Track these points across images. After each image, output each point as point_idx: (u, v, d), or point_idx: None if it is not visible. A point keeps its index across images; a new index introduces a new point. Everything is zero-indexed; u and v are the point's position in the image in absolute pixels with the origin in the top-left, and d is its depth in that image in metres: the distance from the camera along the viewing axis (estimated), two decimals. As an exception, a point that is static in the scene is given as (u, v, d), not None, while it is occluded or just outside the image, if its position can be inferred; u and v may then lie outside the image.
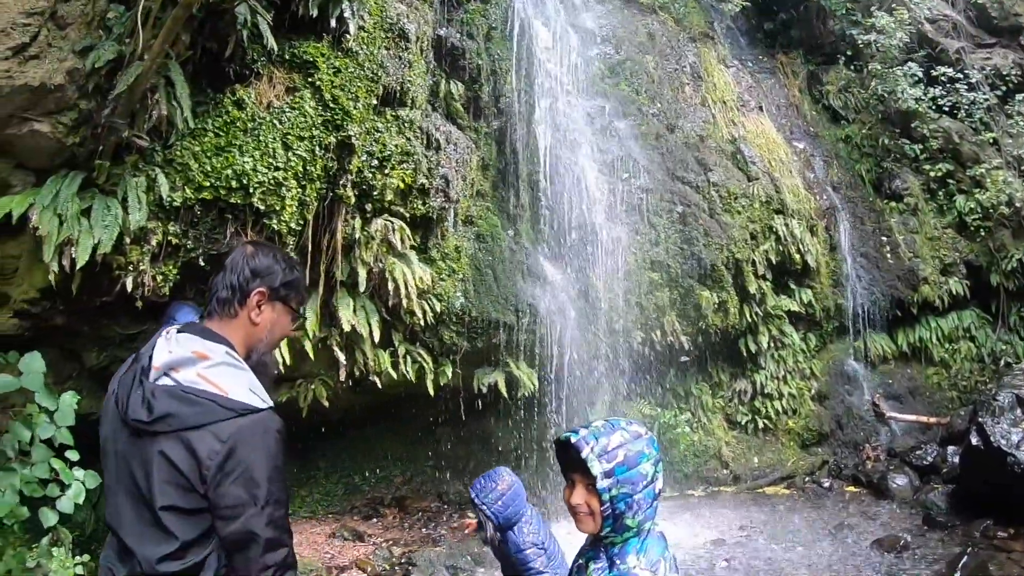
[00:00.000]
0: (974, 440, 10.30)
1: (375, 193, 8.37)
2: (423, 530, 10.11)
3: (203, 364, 2.94)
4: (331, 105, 7.89)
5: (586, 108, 11.52)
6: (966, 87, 15.61)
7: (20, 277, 6.75)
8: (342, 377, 8.64)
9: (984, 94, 15.73)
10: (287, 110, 7.66)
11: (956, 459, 11.67)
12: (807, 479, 12.79)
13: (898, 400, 14.36)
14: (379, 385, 8.97)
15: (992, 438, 10.03)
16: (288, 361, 8.10)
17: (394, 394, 9.94)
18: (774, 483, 12.62)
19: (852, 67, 16.12)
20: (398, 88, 8.61)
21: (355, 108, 8.05)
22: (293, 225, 7.67)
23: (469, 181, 9.56)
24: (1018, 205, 14.81)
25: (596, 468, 3.50)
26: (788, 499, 12.01)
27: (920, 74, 15.43)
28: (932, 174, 15.34)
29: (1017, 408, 10.35)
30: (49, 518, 5.91)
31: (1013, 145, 15.49)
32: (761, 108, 14.48)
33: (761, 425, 13.11)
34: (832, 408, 13.82)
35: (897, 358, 14.89)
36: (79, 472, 5.92)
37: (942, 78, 15.53)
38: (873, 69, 15.63)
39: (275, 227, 7.55)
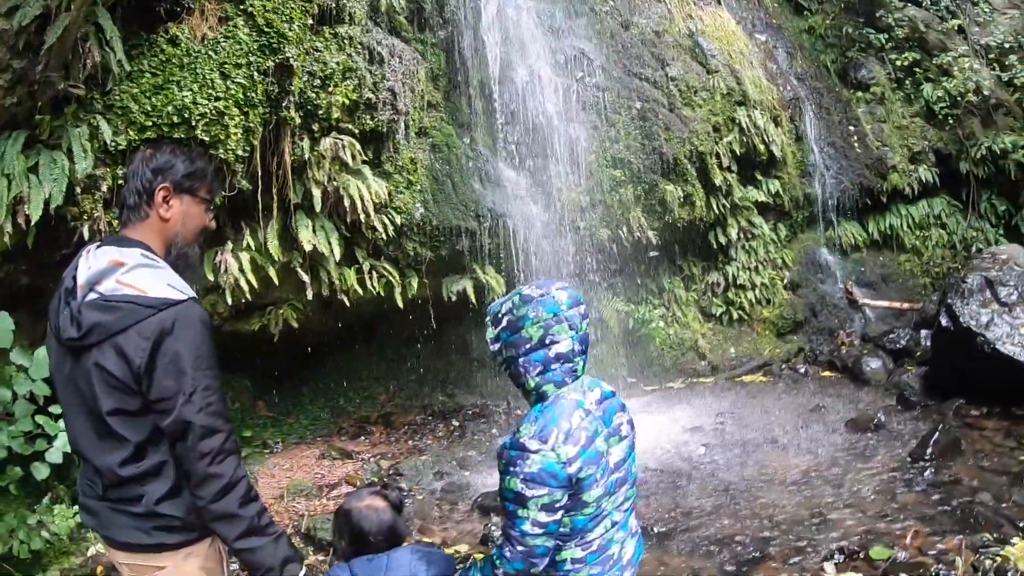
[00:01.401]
0: (944, 322, 10.30)
1: (320, 112, 8.17)
2: (409, 442, 10.10)
3: (121, 271, 2.97)
4: (265, 30, 7.71)
5: (535, 10, 11.16)
6: None
7: (-24, 246, 6.70)
8: (309, 297, 8.58)
9: None
10: (221, 40, 7.52)
11: (929, 342, 11.67)
12: (783, 366, 12.72)
13: (871, 287, 14.34)
14: (347, 303, 8.91)
15: (961, 319, 10.02)
16: (255, 287, 8.05)
17: (366, 313, 9.91)
18: (751, 372, 12.58)
19: (815, -46, 15.67)
20: (334, 6, 8.39)
21: (290, 30, 7.86)
22: (240, 152, 7.57)
23: (419, 92, 9.32)
24: (986, 93, 14.69)
25: (488, 334, 3.47)
26: (765, 386, 12.00)
27: None
28: (898, 63, 15.17)
29: (986, 290, 10.33)
30: (41, 471, 6.04)
31: (980, 33, 15.39)
32: (719, 1, 14.09)
33: (736, 316, 13.06)
34: (805, 297, 13.76)
35: (869, 246, 14.85)
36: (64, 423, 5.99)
37: None
38: None
39: (222, 156, 7.45)
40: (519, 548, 3.19)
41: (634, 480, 3.59)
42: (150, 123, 6.93)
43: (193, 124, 7.15)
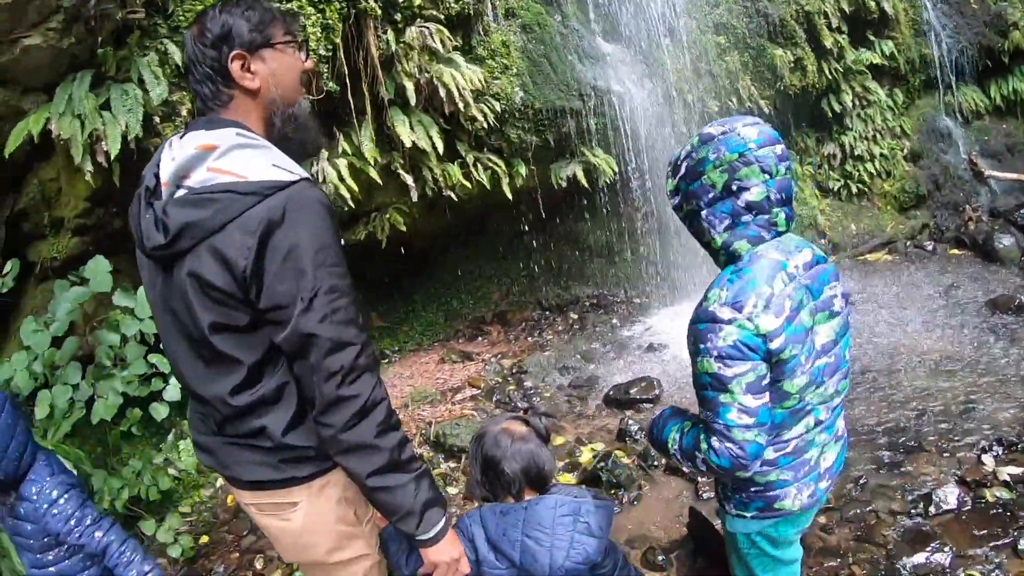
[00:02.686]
0: None
1: (401, 0, 7.53)
2: (529, 339, 9.69)
3: (212, 156, 2.30)
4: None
5: None
6: None
7: (65, 196, 6.34)
8: (414, 198, 8.01)
9: None
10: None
11: None
12: (908, 243, 11.85)
13: (996, 158, 13.16)
14: (455, 198, 8.33)
15: None
16: (357, 194, 7.51)
17: (473, 209, 9.32)
18: (875, 249, 11.74)
19: None
20: None
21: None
22: (322, 52, 6.99)
23: (531, -28, 8.68)
24: None
25: (667, 186, 2.85)
26: (892, 264, 11.18)
27: None
28: None
29: None
30: (160, 411, 5.74)
31: None
32: None
33: (855, 190, 12.20)
34: (927, 168, 12.72)
35: (991, 113, 13.65)
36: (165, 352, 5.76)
37: None
38: None
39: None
40: (727, 445, 2.61)
41: (847, 370, 2.95)
42: (222, 35, 6.42)
43: (270, 19, 6.62)
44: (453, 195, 8.26)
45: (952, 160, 12.93)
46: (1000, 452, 5.64)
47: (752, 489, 2.90)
